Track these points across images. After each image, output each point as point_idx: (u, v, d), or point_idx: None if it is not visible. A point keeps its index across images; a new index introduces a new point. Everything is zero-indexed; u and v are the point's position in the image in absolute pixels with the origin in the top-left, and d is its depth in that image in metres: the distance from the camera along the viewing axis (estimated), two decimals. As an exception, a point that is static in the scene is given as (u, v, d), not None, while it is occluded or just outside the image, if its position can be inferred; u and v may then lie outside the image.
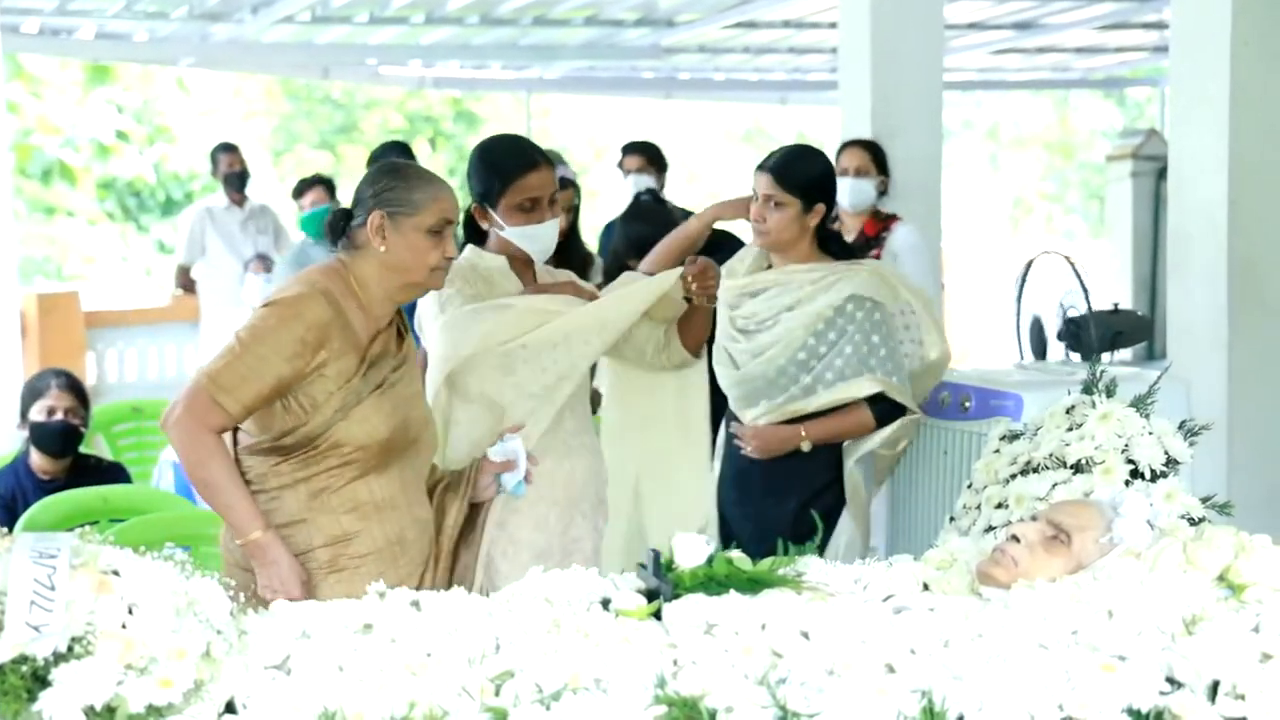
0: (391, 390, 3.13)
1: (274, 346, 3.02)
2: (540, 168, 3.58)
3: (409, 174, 3.19)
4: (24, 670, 1.80)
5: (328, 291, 3.09)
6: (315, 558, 3.08)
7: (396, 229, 3.11)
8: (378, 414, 3.09)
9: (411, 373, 3.24)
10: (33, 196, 18.85)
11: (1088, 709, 1.89)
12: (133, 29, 10.51)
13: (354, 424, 3.07)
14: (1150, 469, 2.99)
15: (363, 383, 3.09)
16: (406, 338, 3.25)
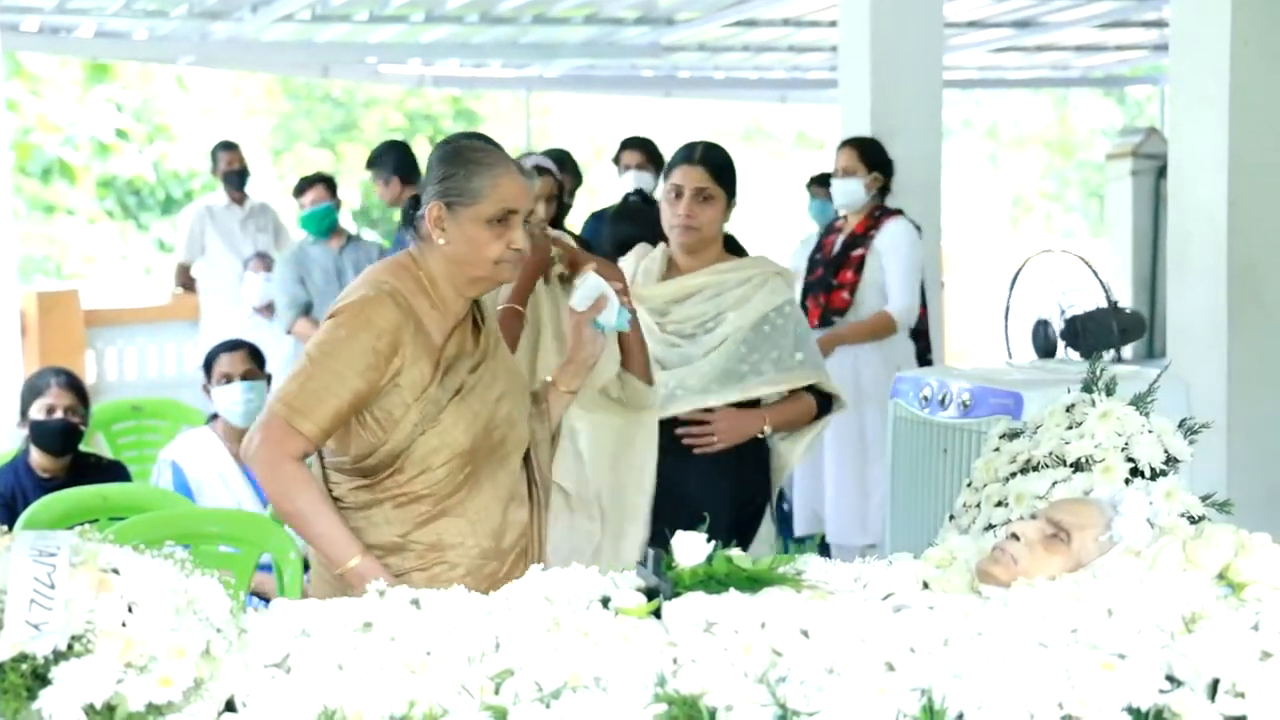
0: (471, 394, 2.99)
1: (346, 360, 2.88)
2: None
3: (470, 158, 2.98)
4: (24, 668, 1.80)
5: (395, 292, 2.95)
6: (410, 579, 2.87)
7: (455, 220, 2.95)
8: (458, 424, 2.96)
9: (493, 369, 3.07)
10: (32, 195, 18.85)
11: (1087, 707, 1.89)
12: (132, 27, 10.51)
13: (433, 437, 2.94)
14: (1150, 467, 2.99)
15: (440, 390, 2.95)
16: (484, 329, 3.09)
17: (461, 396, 2.97)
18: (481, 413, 3.00)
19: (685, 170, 3.97)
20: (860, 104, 6.87)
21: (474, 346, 3.04)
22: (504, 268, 2.98)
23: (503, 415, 3.05)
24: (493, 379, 3.05)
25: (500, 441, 3.04)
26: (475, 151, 2.99)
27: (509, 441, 3.07)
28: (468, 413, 2.97)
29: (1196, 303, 5.04)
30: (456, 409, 2.96)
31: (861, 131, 6.64)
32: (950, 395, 4.54)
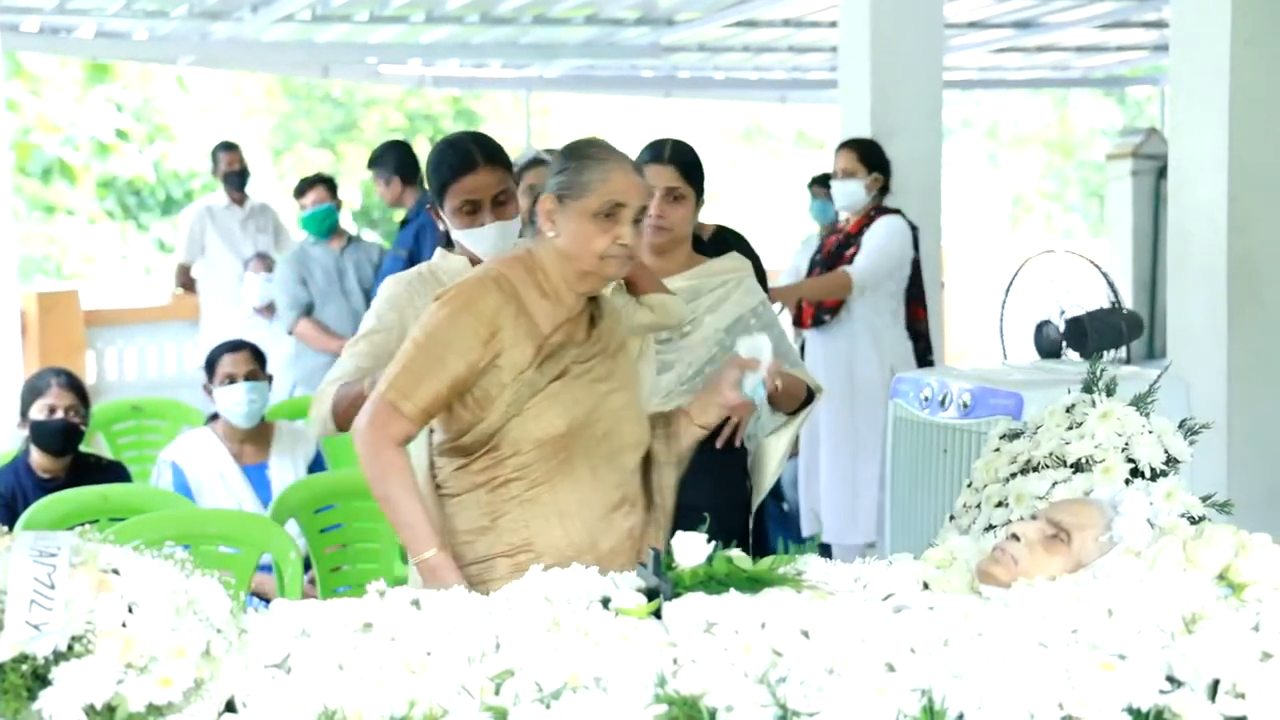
0: (575, 381, 3.00)
1: (447, 343, 2.94)
2: (479, 169, 3.44)
3: (584, 154, 3.02)
4: (24, 669, 1.80)
5: (502, 278, 3.00)
6: (495, 567, 2.95)
7: (564, 213, 2.99)
8: (554, 407, 2.97)
9: (609, 366, 3.08)
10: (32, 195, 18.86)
11: (1087, 707, 1.89)
12: (132, 27, 10.51)
13: (528, 419, 2.96)
14: (1150, 468, 2.99)
15: (538, 374, 2.97)
16: (601, 326, 3.10)
17: (563, 383, 2.99)
18: (584, 400, 3.00)
19: (655, 170, 3.92)
20: (860, 104, 6.87)
21: (586, 338, 3.05)
22: (610, 263, 2.99)
23: (612, 409, 3.05)
24: (606, 374, 3.06)
25: (605, 435, 3.03)
26: (590, 148, 3.04)
27: (617, 437, 3.05)
28: (568, 398, 2.98)
29: (1197, 303, 5.04)
30: (555, 394, 2.97)
31: (862, 132, 6.64)
32: (950, 396, 4.55)
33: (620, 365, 3.13)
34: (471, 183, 3.43)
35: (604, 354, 3.08)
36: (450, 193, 3.44)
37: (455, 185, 3.43)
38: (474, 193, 3.42)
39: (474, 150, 3.47)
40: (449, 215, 3.46)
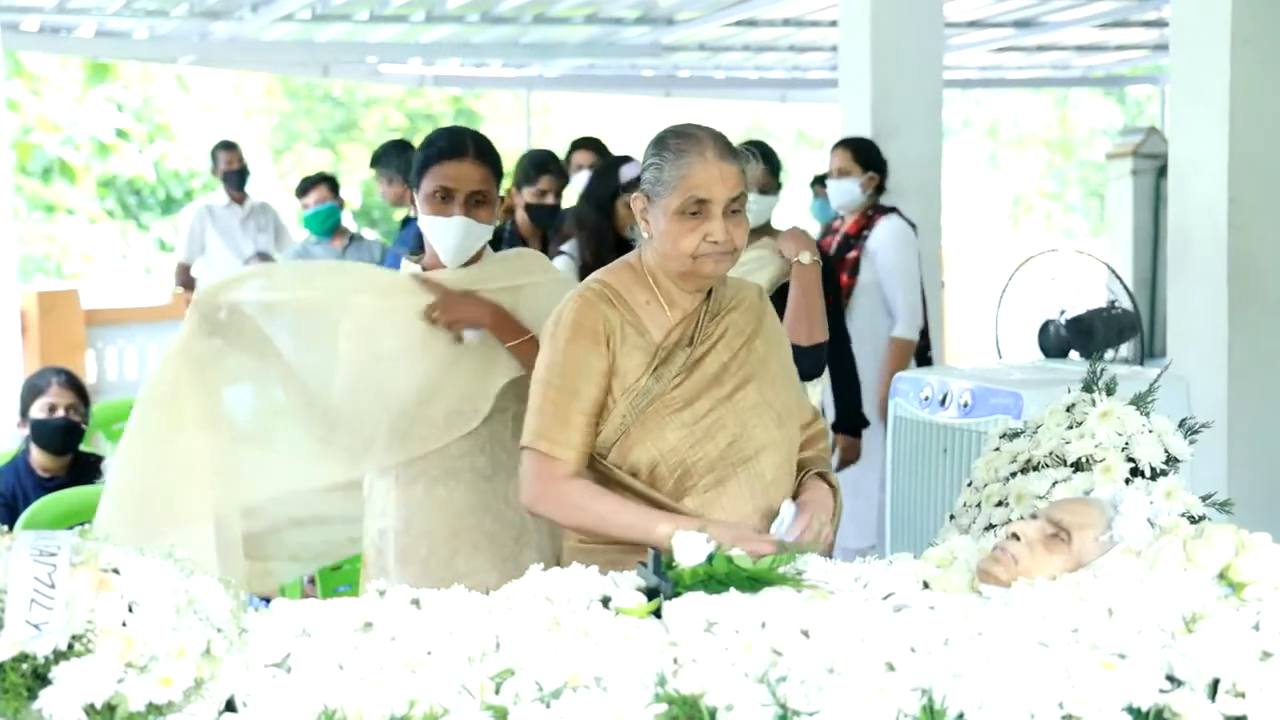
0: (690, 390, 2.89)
1: (570, 373, 2.88)
2: (466, 159, 3.28)
3: (667, 146, 2.89)
4: (24, 668, 1.80)
5: (606, 287, 2.94)
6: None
7: (654, 212, 2.90)
8: (668, 421, 2.87)
9: (729, 367, 2.94)
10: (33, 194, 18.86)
11: (1088, 707, 1.89)
12: (133, 27, 10.52)
13: (639, 430, 2.88)
14: (1150, 467, 2.99)
15: (652, 381, 2.89)
16: (727, 317, 2.98)
17: (678, 391, 2.90)
18: (700, 410, 2.90)
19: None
20: (860, 104, 6.87)
21: (700, 338, 2.94)
22: (704, 262, 2.87)
23: (737, 417, 2.92)
24: (729, 377, 2.94)
25: (732, 442, 2.90)
26: (671, 138, 2.90)
27: (747, 442, 2.92)
28: (683, 409, 2.89)
29: (1197, 302, 5.04)
30: (667, 405, 2.89)
31: (862, 131, 6.64)
32: (950, 395, 4.55)
33: (750, 360, 2.98)
34: (454, 170, 3.28)
35: (725, 349, 2.96)
36: (429, 175, 3.29)
37: (436, 168, 3.28)
38: (452, 181, 3.27)
39: (468, 141, 3.33)
40: (421, 199, 3.31)
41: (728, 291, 3.03)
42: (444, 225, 3.28)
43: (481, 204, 3.30)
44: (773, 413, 2.97)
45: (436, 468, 3.30)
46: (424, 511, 3.31)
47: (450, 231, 3.28)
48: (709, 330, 2.97)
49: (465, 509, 3.31)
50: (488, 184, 3.31)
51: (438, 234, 3.30)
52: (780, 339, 3.11)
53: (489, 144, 3.36)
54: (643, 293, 2.95)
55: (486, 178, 3.31)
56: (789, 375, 3.09)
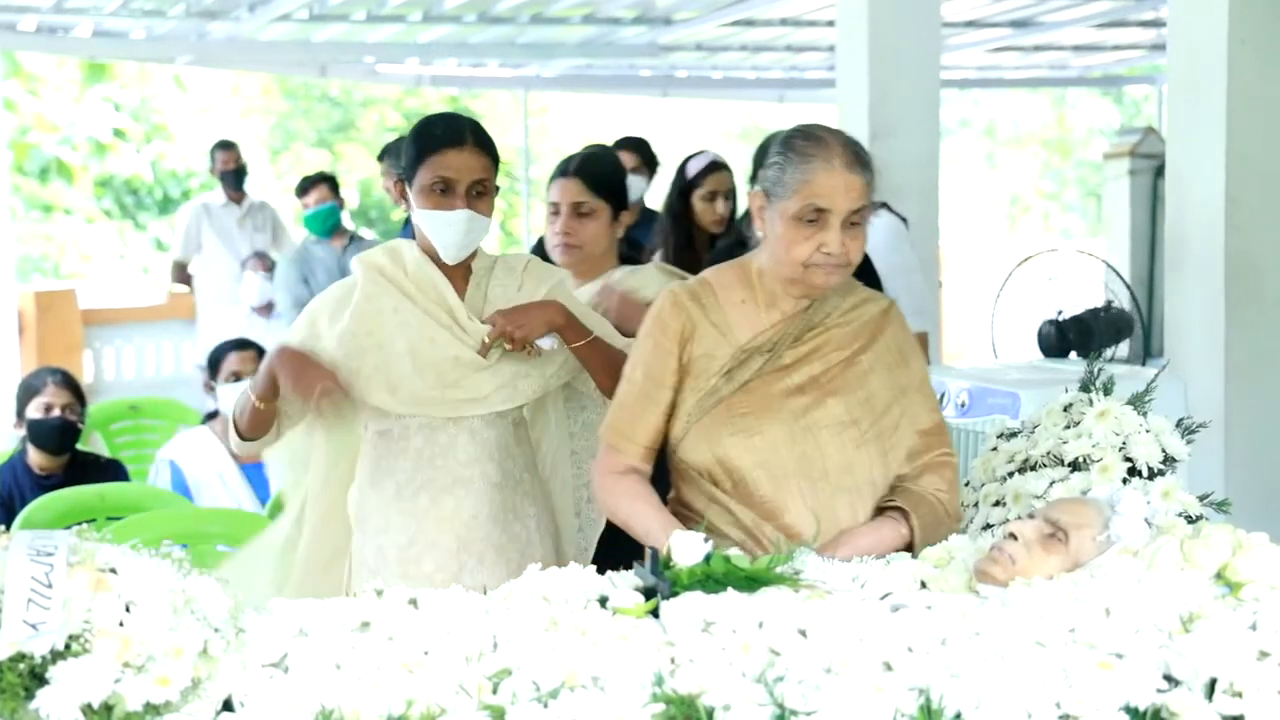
0: (765, 393, 2.83)
1: (648, 370, 2.88)
2: (465, 148, 3.10)
3: (793, 147, 2.80)
4: (21, 668, 1.80)
5: (702, 285, 2.92)
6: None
7: (771, 211, 2.82)
8: (729, 425, 2.82)
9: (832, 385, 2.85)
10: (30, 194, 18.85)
11: (1085, 707, 1.89)
12: (130, 27, 10.50)
13: (702, 429, 2.84)
14: (1148, 467, 2.99)
15: (723, 381, 2.85)
16: (828, 332, 2.89)
17: (746, 397, 2.84)
18: (765, 419, 2.84)
19: (560, 184, 3.70)
20: (858, 103, 6.87)
21: (792, 344, 2.87)
22: (815, 272, 2.79)
23: (810, 432, 2.84)
24: (813, 390, 2.86)
25: (799, 458, 2.82)
26: (798, 139, 2.82)
27: (818, 462, 2.83)
28: (746, 415, 2.83)
29: (1194, 302, 5.04)
30: (731, 408, 2.84)
31: (860, 131, 6.63)
32: (948, 395, 4.55)
33: (846, 376, 2.88)
34: (455, 160, 3.10)
35: (819, 362, 2.88)
36: (426, 165, 3.11)
37: (434, 158, 3.10)
38: (453, 171, 3.09)
39: (466, 129, 3.16)
40: (417, 193, 3.13)
41: (843, 302, 2.94)
42: (446, 220, 3.11)
43: (483, 195, 3.14)
44: (856, 433, 2.86)
45: (445, 476, 3.17)
46: (430, 523, 3.16)
47: (454, 226, 3.11)
48: (803, 340, 2.89)
49: (474, 520, 3.18)
50: (488, 173, 3.15)
51: (439, 229, 3.12)
52: (902, 360, 2.95)
53: (485, 131, 3.21)
54: (741, 292, 2.91)
55: (487, 166, 3.15)
56: (904, 399, 2.92)
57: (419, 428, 3.16)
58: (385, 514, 3.19)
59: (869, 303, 2.98)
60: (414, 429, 3.17)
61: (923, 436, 2.93)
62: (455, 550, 3.15)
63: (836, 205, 2.77)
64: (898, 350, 2.95)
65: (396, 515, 3.18)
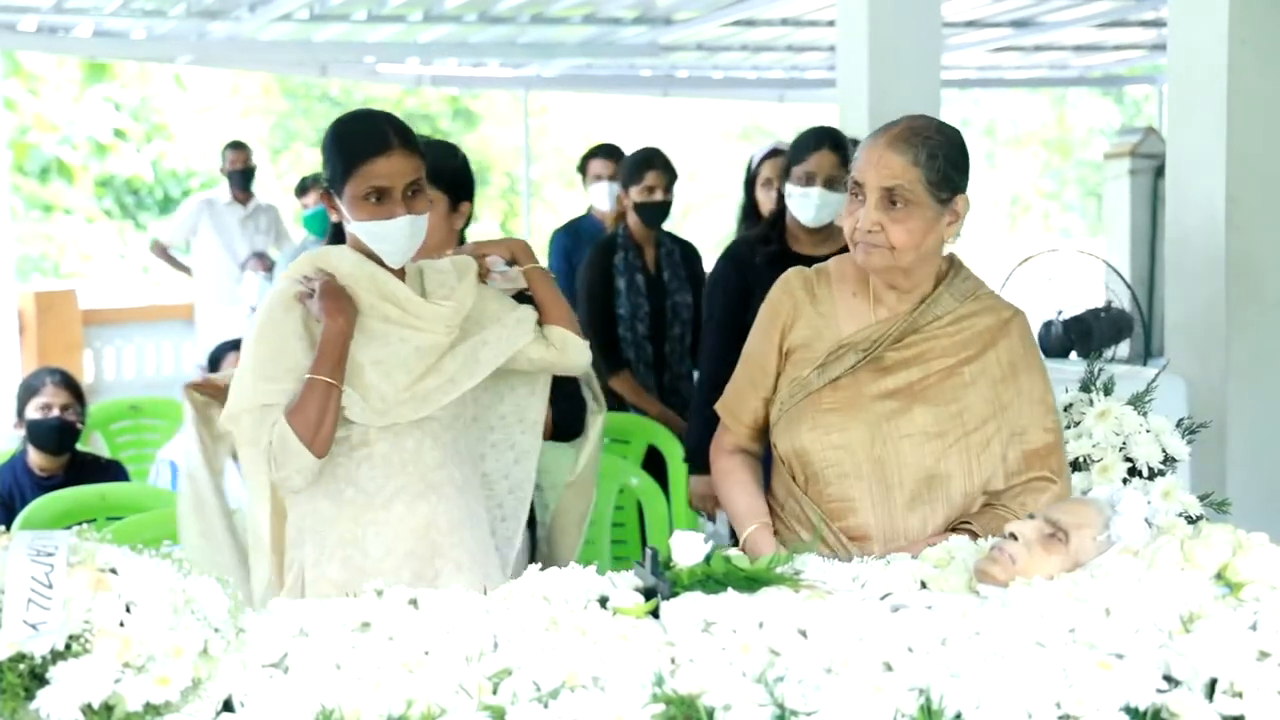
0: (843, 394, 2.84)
1: (756, 357, 2.94)
2: (393, 152, 3.00)
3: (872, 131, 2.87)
4: (21, 668, 1.80)
5: (819, 271, 2.95)
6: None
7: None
8: (811, 420, 2.85)
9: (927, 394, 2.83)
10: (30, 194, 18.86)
11: (1085, 707, 1.89)
12: (130, 26, 10.51)
13: (788, 421, 2.87)
14: (1148, 467, 2.99)
15: (816, 374, 2.86)
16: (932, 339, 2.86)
17: (833, 393, 2.86)
18: (847, 418, 2.84)
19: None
20: (858, 103, 6.87)
21: (885, 347, 2.86)
22: (859, 250, 2.81)
23: (888, 438, 2.83)
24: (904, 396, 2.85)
25: (879, 460, 2.83)
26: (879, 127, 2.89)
27: (893, 469, 2.83)
28: (829, 412, 2.85)
29: (1195, 302, 5.05)
30: (816, 403, 2.86)
31: (860, 132, 6.63)
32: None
33: (945, 386, 2.85)
34: (385, 167, 2.99)
35: (914, 369, 2.86)
36: (356, 177, 2.99)
37: (365, 168, 2.98)
38: (386, 179, 2.99)
39: (388, 130, 3.03)
40: (349, 204, 3.02)
41: (958, 308, 2.90)
42: (389, 229, 3.01)
43: (418, 193, 3.05)
44: (940, 445, 2.84)
45: (418, 482, 3.08)
46: (406, 532, 3.07)
47: (398, 233, 3.02)
48: (906, 343, 2.87)
49: (449, 525, 3.11)
50: (419, 171, 3.05)
51: (382, 240, 3.02)
52: (1011, 375, 2.89)
53: (406, 127, 3.10)
54: (855, 285, 2.91)
55: (417, 165, 3.05)
56: (1005, 415, 2.87)
57: (381, 433, 3.05)
58: (355, 525, 3.07)
59: (987, 312, 2.92)
60: (375, 435, 3.05)
61: (1026, 456, 2.88)
62: (431, 558, 3.06)
63: (868, 179, 2.79)
64: (1008, 364, 2.89)
65: (369, 525, 3.06)
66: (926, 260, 2.86)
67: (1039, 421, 2.89)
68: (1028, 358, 2.92)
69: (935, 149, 2.80)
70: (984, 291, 2.95)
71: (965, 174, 2.85)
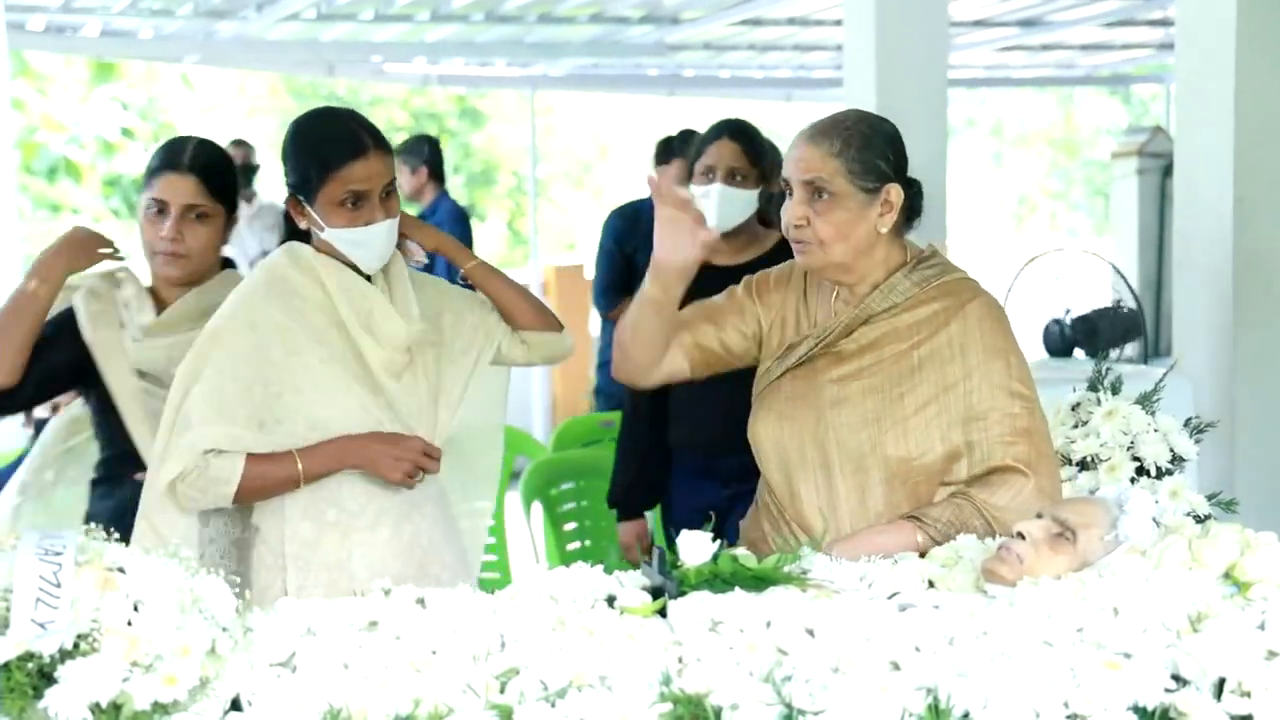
0: (800, 384, 2.87)
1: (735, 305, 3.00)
2: (369, 155, 2.90)
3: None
4: (30, 667, 1.81)
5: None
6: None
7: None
8: (767, 408, 2.90)
9: (876, 379, 2.83)
10: (38, 194, 18.86)
11: (1093, 706, 1.89)
12: (138, 26, 10.52)
13: (755, 406, 2.93)
14: (1156, 466, 2.99)
15: (776, 363, 2.91)
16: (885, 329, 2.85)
17: (788, 382, 2.89)
18: (793, 406, 2.87)
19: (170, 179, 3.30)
20: (865, 103, 6.86)
21: (836, 336, 2.87)
22: (795, 248, 2.87)
23: (831, 425, 2.84)
24: (853, 382, 2.85)
25: (822, 447, 2.85)
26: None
27: (834, 456, 2.84)
28: (782, 401, 2.89)
29: (1202, 301, 5.04)
30: (774, 391, 2.91)
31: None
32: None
33: (885, 372, 2.85)
34: (362, 170, 2.89)
35: (866, 357, 2.86)
36: (332, 181, 2.89)
37: (341, 172, 2.88)
38: (364, 182, 2.89)
39: (361, 132, 2.94)
40: (323, 208, 2.93)
41: (917, 293, 2.87)
42: (368, 235, 2.93)
43: (392, 194, 2.97)
44: (877, 430, 2.83)
45: (401, 502, 3.00)
46: (391, 554, 2.97)
47: (378, 239, 2.94)
48: (858, 331, 2.87)
49: (430, 543, 3.05)
50: (392, 170, 2.98)
51: (360, 246, 2.94)
52: (963, 356, 2.84)
53: (375, 127, 3.01)
54: (854, 275, 2.91)
55: (390, 165, 2.97)
56: (948, 397, 2.82)
57: None
58: (335, 549, 2.97)
59: (946, 296, 2.88)
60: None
61: (988, 444, 2.82)
62: (418, 578, 2.87)
63: (792, 174, 2.82)
64: (959, 346, 2.84)
65: (355, 548, 2.97)
66: (863, 252, 2.84)
67: (1001, 407, 2.82)
68: (986, 340, 2.84)
69: (853, 138, 2.80)
70: (952, 278, 2.90)
71: (895, 163, 2.84)
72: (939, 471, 2.83)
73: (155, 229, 3.30)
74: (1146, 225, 9.75)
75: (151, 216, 3.31)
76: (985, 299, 2.90)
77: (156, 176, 3.30)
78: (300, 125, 3.05)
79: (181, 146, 3.35)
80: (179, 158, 3.31)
